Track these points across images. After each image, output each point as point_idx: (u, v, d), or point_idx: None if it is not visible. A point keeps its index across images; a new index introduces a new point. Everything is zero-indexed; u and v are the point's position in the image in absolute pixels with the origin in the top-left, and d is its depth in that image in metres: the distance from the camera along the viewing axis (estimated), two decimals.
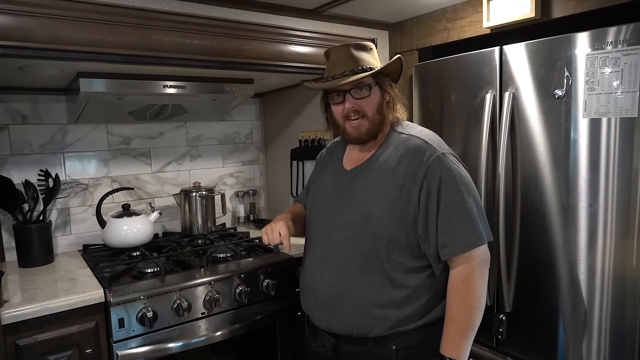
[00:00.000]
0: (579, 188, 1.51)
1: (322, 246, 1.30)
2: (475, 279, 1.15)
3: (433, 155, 1.17)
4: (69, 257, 1.91)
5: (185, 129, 2.30)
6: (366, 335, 1.20)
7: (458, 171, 1.18)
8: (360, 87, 1.23)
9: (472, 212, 1.15)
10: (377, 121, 1.25)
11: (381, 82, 1.25)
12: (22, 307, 1.34)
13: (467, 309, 1.15)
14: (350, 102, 1.23)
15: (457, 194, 1.15)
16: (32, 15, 1.26)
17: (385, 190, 1.19)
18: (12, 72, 1.51)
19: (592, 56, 1.44)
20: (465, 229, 1.14)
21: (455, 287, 1.16)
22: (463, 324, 1.16)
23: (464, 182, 1.17)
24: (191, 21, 1.53)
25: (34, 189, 1.83)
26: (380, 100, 1.25)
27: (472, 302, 1.15)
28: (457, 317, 1.16)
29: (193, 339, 1.56)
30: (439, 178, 1.16)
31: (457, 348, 1.16)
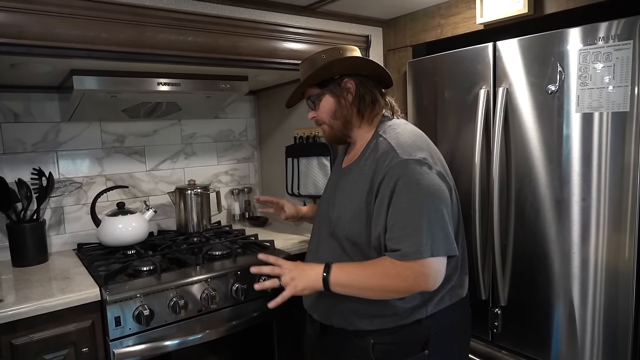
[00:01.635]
0: (572, 182, 1.53)
1: (315, 239, 1.39)
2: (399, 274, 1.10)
3: (394, 161, 1.14)
4: (63, 256, 1.90)
5: (180, 126, 2.29)
6: (346, 328, 1.24)
7: (417, 179, 1.11)
8: (309, 100, 1.32)
9: (419, 223, 1.09)
10: (337, 126, 1.30)
11: (333, 89, 1.26)
12: (17, 306, 1.33)
13: (374, 271, 1.14)
14: (310, 112, 1.34)
15: (407, 202, 1.10)
16: (25, 12, 1.25)
17: (355, 194, 1.22)
18: (5, 69, 1.49)
19: (584, 51, 1.45)
20: (406, 239, 1.09)
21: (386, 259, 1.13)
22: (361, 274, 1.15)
23: (419, 191, 1.11)
24: (185, 18, 1.52)
25: (28, 187, 1.82)
26: (334, 106, 1.27)
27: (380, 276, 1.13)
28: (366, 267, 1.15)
29: (190, 337, 1.55)
30: (393, 184, 1.12)
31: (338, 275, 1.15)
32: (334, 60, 1.23)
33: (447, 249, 1.12)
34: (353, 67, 1.26)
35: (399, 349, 1.20)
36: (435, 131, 1.95)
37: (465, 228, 1.79)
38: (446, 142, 1.90)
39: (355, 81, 1.26)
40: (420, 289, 1.13)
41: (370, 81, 1.29)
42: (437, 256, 1.10)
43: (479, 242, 1.74)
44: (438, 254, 1.10)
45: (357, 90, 1.26)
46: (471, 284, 1.63)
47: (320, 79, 1.27)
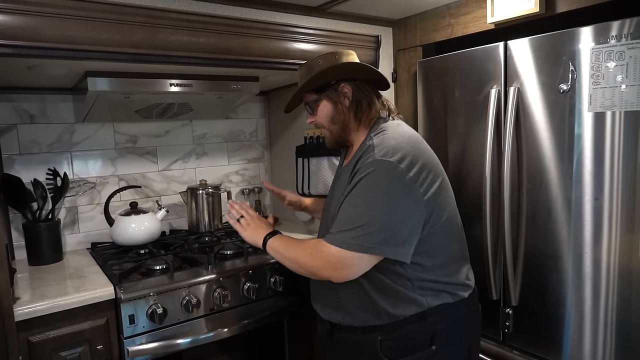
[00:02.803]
0: (584, 182, 1.52)
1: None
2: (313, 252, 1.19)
3: (368, 159, 1.17)
4: (77, 255, 1.93)
5: (191, 127, 2.31)
6: (353, 325, 1.26)
7: (378, 180, 1.14)
8: (308, 106, 1.35)
9: (358, 217, 1.13)
10: (335, 130, 1.32)
11: (330, 94, 1.29)
12: (34, 304, 1.36)
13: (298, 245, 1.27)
14: (308, 119, 1.37)
15: (359, 198, 1.15)
16: (41, 15, 1.27)
17: (341, 193, 1.25)
18: (22, 71, 1.52)
19: (596, 50, 1.45)
20: (336, 225, 1.17)
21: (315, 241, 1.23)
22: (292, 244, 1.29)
23: (377, 192, 1.13)
24: (197, 19, 1.54)
25: (43, 187, 1.85)
26: (331, 111, 1.30)
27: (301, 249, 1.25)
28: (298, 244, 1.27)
29: (201, 335, 1.57)
30: (358, 179, 1.17)
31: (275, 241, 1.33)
32: (329, 67, 1.27)
33: (373, 250, 1.13)
34: (349, 72, 1.29)
35: (407, 345, 1.21)
36: (446, 131, 1.94)
37: (475, 228, 1.79)
38: (457, 141, 1.90)
39: (351, 86, 1.29)
40: (326, 274, 1.19)
41: (366, 85, 1.31)
42: (350, 250, 1.13)
43: (489, 241, 1.74)
44: (353, 249, 1.13)
45: (353, 94, 1.29)
46: (482, 284, 1.63)
47: (317, 85, 1.30)
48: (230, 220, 1.49)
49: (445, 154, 1.94)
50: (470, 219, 1.80)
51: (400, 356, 1.21)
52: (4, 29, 1.22)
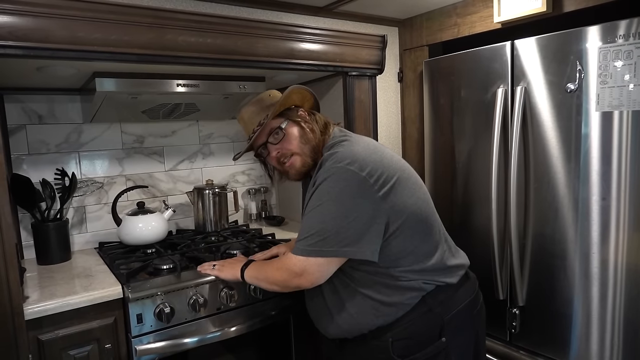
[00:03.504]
0: (592, 182, 1.52)
1: None
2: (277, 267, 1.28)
3: (322, 167, 1.22)
4: (85, 254, 1.94)
5: (198, 127, 2.32)
6: (361, 332, 1.27)
7: (329, 187, 1.18)
8: (275, 133, 1.34)
9: (313, 225, 1.19)
10: (307, 151, 1.33)
11: (292, 116, 1.34)
12: (44, 303, 1.37)
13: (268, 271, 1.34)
14: (274, 150, 1.35)
15: (313, 206, 1.19)
16: (50, 17, 1.28)
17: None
18: (31, 72, 1.53)
19: (604, 49, 1.44)
20: (298, 237, 1.22)
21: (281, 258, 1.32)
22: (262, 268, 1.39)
23: (328, 197, 1.17)
24: (204, 20, 1.55)
25: (51, 187, 1.86)
26: (299, 131, 1.33)
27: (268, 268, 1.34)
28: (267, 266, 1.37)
29: (208, 335, 1.58)
30: (313, 190, 1.21)
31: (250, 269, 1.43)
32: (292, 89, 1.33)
33: (332, 252, 1.17)
34: (300, 96, 1.38)
35: (418, 342, 1.22)
36: (452, 130, 1.94)
37: (482, 227, 1.79)
38: (463, 141, 1.90)
39: (305, 110, 1.37)
40: (295, 283, 1.24)
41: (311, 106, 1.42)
42: (311, 256, 1.18)
43: (496, 241, 1.73)
44: (313, 255, 1.18)
45: (309, 116, 1.35)
46: (488, 284, 1.63)
47: (282, 109, 1.34)
48: (207, 271, 1.56)
49: (452, 154, 1.94)
50: (476, 218, 1.79)
51: (413, 353, 1.22)
52: (14, 30, 1.23)
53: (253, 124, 1.38)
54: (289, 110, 1.35)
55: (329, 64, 1.87)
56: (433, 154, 2.03)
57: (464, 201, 1.37)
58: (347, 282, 1.27)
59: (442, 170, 1.99)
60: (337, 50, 1.89)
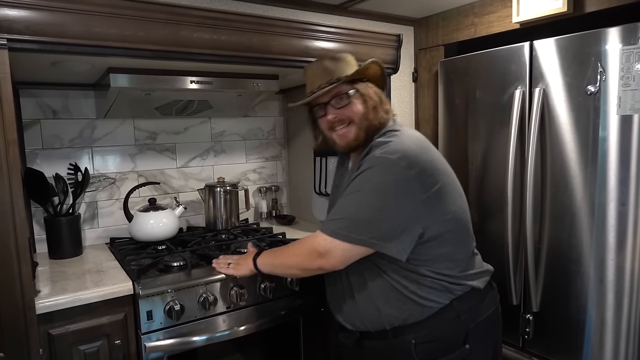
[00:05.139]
0: (610, 186, 1.48)
1: None
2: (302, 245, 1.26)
3: (369, 155, 1.20)
4: (96, 249, 1.95)
5: (210, 124, 2.32)
6: (383, 328, 1.23)
7: (372, 176, 1.16)
8: (340, 97, 1.28)
9: (347, 209, 1.18)
10: (363, 126, 1.27)
11: (361, 89, 1.28)
12: (55, 297, 1.37)
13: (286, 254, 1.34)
14: (332, 113, 1.29)
15: (352, 190, 1.18)
16: (66, 12, 1.28)
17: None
18: (46, 67, 1.54)
19: (627, 51, 1.41)
20: (329, 216, 1.24)
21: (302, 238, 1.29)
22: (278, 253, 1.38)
23: (370, 187, 1.16)
24: (219, 17, 1.54)
25: (64, 182, 1.87)
26: (363, 106, 1.27)
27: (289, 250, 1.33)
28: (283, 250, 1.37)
29: (217, 333, 1.57)
30: (356, 175, 1.19)
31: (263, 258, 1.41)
32: (374, 62, 1.27)
33: (359, 241, 1.16)
34: (375, 73, 1.31)
35: (441, 346, 1.20)
36: (467, 132, 1.92)
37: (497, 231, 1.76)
38: (478, 143, 1.87)
39: (374, 86, 1.31)
40: (316, 265, 1.22)
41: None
42: (337, 239, 1.16)
43: (511, 246, 1.71)
44: (340, 238, 1.16)
45: (378, 96, 1.30)
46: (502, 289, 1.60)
47: (357, 77, 1.27)
48: (222, 270, 1.56)
49: (465, 155, 1.92)
50: (491, 222, 1.77)
51: (436, 358, 1.20)
52: (31, 25, 1.24)
53: (321, 79, 1.29)
54: (360, 81, 1.29)
55: None
56: (447, 156, 2.00)
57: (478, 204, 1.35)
58: (378, 272, 1.23)
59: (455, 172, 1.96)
60: (351, 49, 1.87)
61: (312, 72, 1.33)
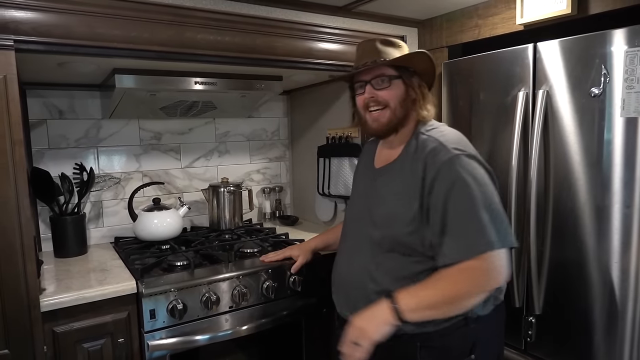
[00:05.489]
0: (614, 189, 1.48)
1: (350, 242, 1.35)
2: (469, 276, 1.08)
3: (444, 157, 1.14)
4: (101, 248, 1.97)
5: (214, 125, 2.34)
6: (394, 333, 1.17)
7: (471, 174, 1.12)
8: (382, 79, 1.25)
9: (482, 217, 1.08)
10: (399, 114, 1.25)
11: (405, 77, 1.25)
12: (59, 295, 1.39)
13: (442, 285, 1.10)
14: (369, 92, 1.27)
15: (467, 198, 1.10)
16: (72, 13, 1.30)
17: (403, 192, 1.20)
18: (52, 68, 1.56)
19: (631, 53, 1.40)
20: (472, 234, 1.08)
21: (448, 269, 1.10)
22: (430, 292, 1.11)
23: (475, 186, 1.11)
24: (223, 18, 1.55)
25: (70, 182, 1.89)
26: (403, 94, 1.25)
27: (450, 285, 1.09)
28: (430, 284, 1.11)
29: (220, 332, 1.58)
30: (447, 181, 1.12)
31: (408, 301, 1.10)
32: (423, 53, 1.23)
33: (509, 241, 1.11)
34: (425, 67, 1.27)
35: (447, 354, 1.18)
36: (470, 133, 1.91)
37: None
38: (481, 144, 1.87)
39: (420, 81, 1.28)
40: (491, 287, 1.10)
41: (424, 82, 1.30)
42: (499, 248, 1.08)
43: None
44: (501, 246, 1.08)
45: (421, 89, 1.27)
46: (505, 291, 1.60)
47: (404, 64, 1.24)
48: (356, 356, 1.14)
49: None
50: None
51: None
52: (37, 26, 1.25)
53: (368, 57, 1.26)
54: (406, 69, 1.25)
55: (347, 64, 1.86)
56: None
57: None
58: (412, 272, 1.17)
59: None
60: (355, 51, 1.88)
61: (362, 49, 1.30)
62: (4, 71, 1.20)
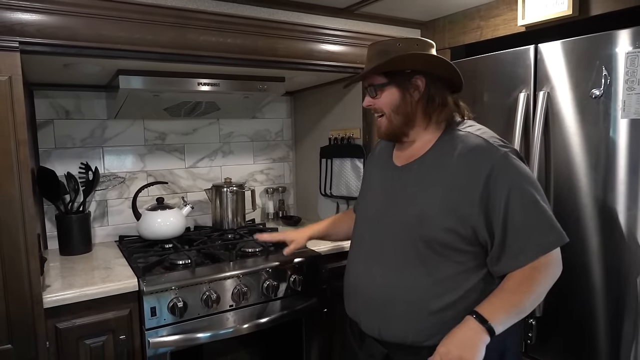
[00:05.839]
0: (617, 191, 1.47)
1: (368, 244, 1.25)
2: (546, 272, 1.08)
3: (496, 155, 1.08)
4: (106, 247, 2.00)
5: (218, 125, 2.36)
6: (421, 344, 1.12)
7: (525, 170, 1.10)
8: (370, 89, 1.21)
9: (546, 210, 1.07)
10: (396, 121, 1.19)
11: (398, 82, 1.17)
12: (62, 292, 1.41)
13: (527, 289, 1.07)
14: (366, 101, 1.24)
15: (528, 193, 1.06)
16: (76, 15, 1.33)
17: (440, 190, 1.12)
18: (58, 69, 1.59)
19: (632, 55, 1.39)
20: (544, 229, 1.06)
21: (522, 271, 1.07)
22: (514, 298, 1.07)
23: (531, 181, 1.09)
24: (226, 20, 1.57)
25: (75, 181, 1.92)
26: (398, 100, 1.17)
27: (532, 286, 1.07)
28: (512, 291, 1.07)
29: (221, 330, 1.60)
30: (504, 179, 1.06)
31: (496, 314, 1.04)
32: (409, 54, 1.14)
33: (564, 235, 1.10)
34: (428, 64, 1.17)
35: None
36: None
37: None
38: None
39: (425, 80, 1.17)
40: (555, 279, 1.11)
41: (440, 82, 1.19)
42: (561, 243, 1.09)
43: None
44: (562, 241, 1.09)
45: (426, 89, 1.17)
46: None
47: (390, 69, 1.17)
48: None
49: None
50: None
51: None
52: (42, 28, 1.28)
53: (367, 63, 1.23)
54: (401, 73, 1.17)
55: (348, 66, 1.88)
56: None
57: None
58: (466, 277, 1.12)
59: None
60: (357, 52, 1.89)
61: (367, 53, 1.25)
62: (9, 72, 1.23)
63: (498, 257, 1.10)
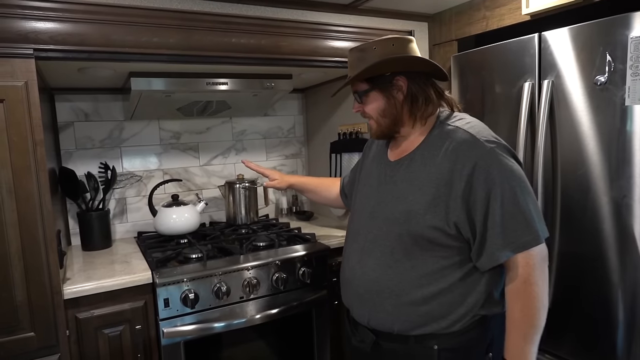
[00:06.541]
0: (625, 179, 1.44)
1: (362, 238, 1.27)
2: (536, 278, 1.07)
3: (481, 150, 1.08)
4: (125, 242, 2.09)
5: (231, 124, 2.42)
6: (407, 333, 1.16)
7: (509, 166, 1.08)
8: (355, 96, 1.25)
9: (526, 209, 1.06)
10: (384, 124, 1.22)
11: (381, 86, 1.19)
12: (82, 284, 1.49)
13: (531, 311, 1.08)
14: (355, 107, 1.28)
15: (509, 190, 1.06)
16: (86, 22, 1.40)
17: (428, 186, 1.14)
18: (73, 73, 1.67)
19: (636, 40, 1.37)
20: (520, 227, 1.06)
21: (516, 289, 1.09)
22: (527, 328, 1.09)
23: (515, 178, 1.08)
24: (230, 21, 1.62)
25: (95, 180, 2.02)
26: (383, 104, 1.20)
27: (535, 304, 1.08)
28: (521, 320, 1.09)
29: (232, 321, 1.65)
30: (487, 175, 1.07)
31: (522, 353, 1.09)
32: (385, 60, 1.15)
33: (546, 230, 1.11)
34: (405, 65, 1.18)
35: (465, 354, 1.15)
36: None
37: None
38: None
39: (407, 79, 1.18)
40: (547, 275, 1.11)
41: (423, 78, 1.20)
42: (543, 242, 1.09)
43: None
44: (546, 235, 1.09)
45: (408, 89, 1.18)
46: None
47: (369, 76, 1.19)
48: None
49: None
50: None
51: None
52: (54, 35, 1.36)
53: (349, 69, 1.25)
54: (382, 77, 1.18)
55: None
56: None
57: None
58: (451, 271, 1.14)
59: None
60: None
61: (348, 60, 1.26)
62: (25, 77, 1.31)
63: (479, 253, 1.11)
